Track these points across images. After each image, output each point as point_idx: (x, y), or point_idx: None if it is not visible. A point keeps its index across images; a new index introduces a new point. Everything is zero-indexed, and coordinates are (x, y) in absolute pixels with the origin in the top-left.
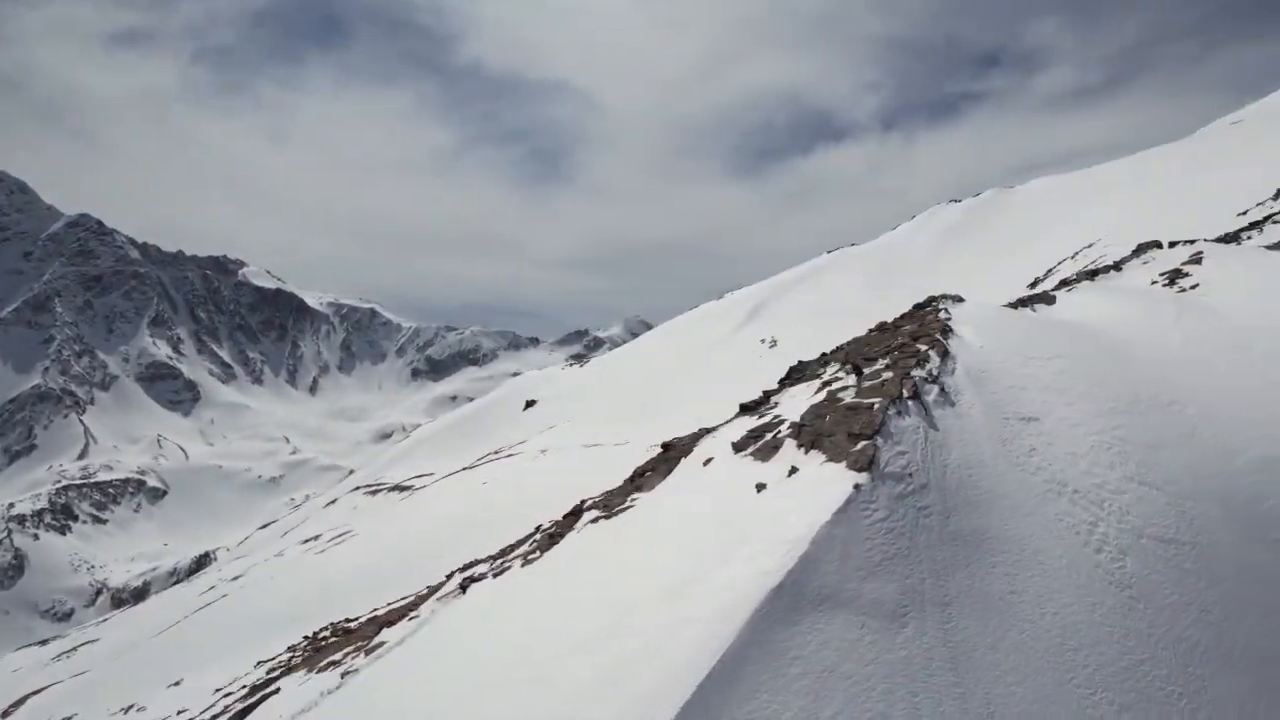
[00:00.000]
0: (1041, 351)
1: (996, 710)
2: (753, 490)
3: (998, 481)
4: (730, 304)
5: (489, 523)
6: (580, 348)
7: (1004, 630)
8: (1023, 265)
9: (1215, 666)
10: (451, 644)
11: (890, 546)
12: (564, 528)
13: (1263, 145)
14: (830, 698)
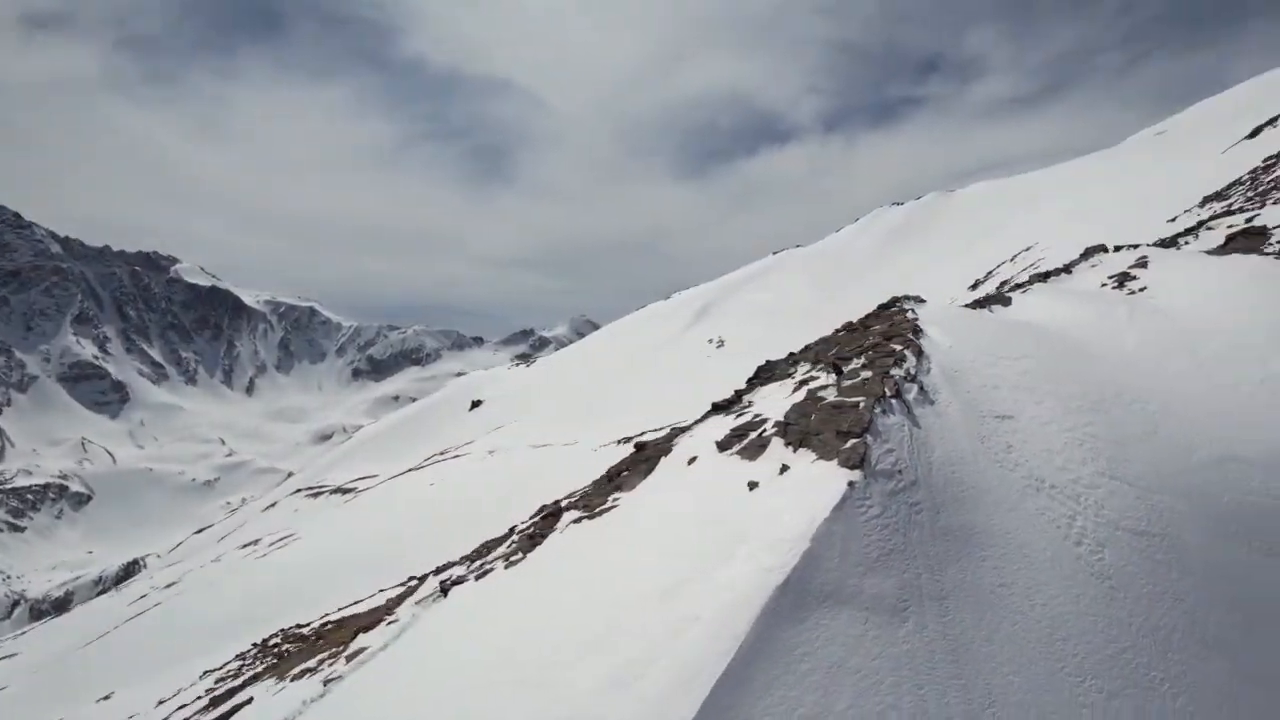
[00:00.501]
0: (1009, 351)
1: (996, 700)
2: (744, 488)
3: (980, 478)
4: (678, 304)
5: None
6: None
7: (997, 622)
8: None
9: (1191, 653)
10: (440, 649)
11: (886, 543)
12: (544, 528)
13: (1186, 155)
14: (840, 692)
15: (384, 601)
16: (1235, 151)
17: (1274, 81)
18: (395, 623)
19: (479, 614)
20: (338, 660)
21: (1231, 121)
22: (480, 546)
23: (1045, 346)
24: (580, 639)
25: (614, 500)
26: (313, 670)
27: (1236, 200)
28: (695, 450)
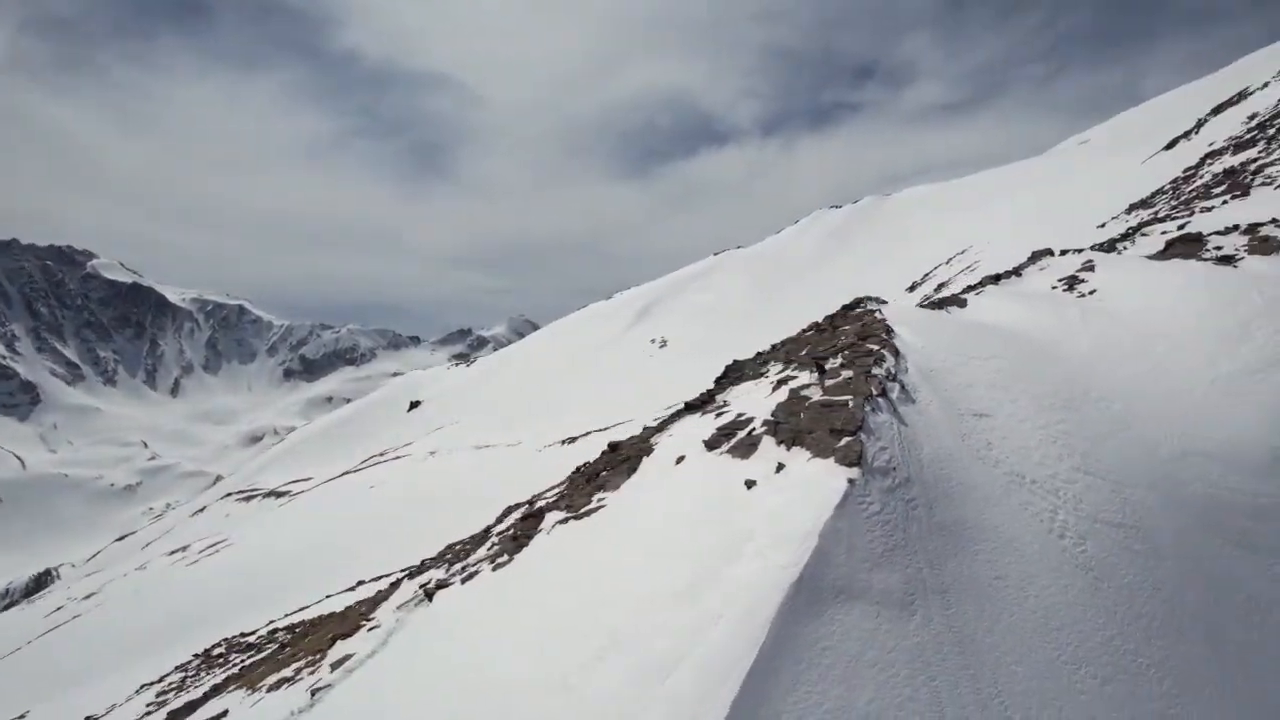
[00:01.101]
0: (979, 351)
1: (1003, 689)
2: (741, 487)
3: (965, 474)
4: (619, 304)
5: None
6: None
7: (997, 614)
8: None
9: (1171, 639)
10: (436, 654)
11: (888, 539)
12: (527, 530)
13: (1109, 162)
14: (862, 685)
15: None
16: (1154, 162)
17: (1183, 97)
18: (377, 628)
19: (474, 618)
20: (318, 668)
21: (1148, 133)
22: (446, 550)
23: (1010, 347)
24: (597, 640)
25: (599, 501)
26: (291, 680)
27: (1161, 208)
28: (681, 449)
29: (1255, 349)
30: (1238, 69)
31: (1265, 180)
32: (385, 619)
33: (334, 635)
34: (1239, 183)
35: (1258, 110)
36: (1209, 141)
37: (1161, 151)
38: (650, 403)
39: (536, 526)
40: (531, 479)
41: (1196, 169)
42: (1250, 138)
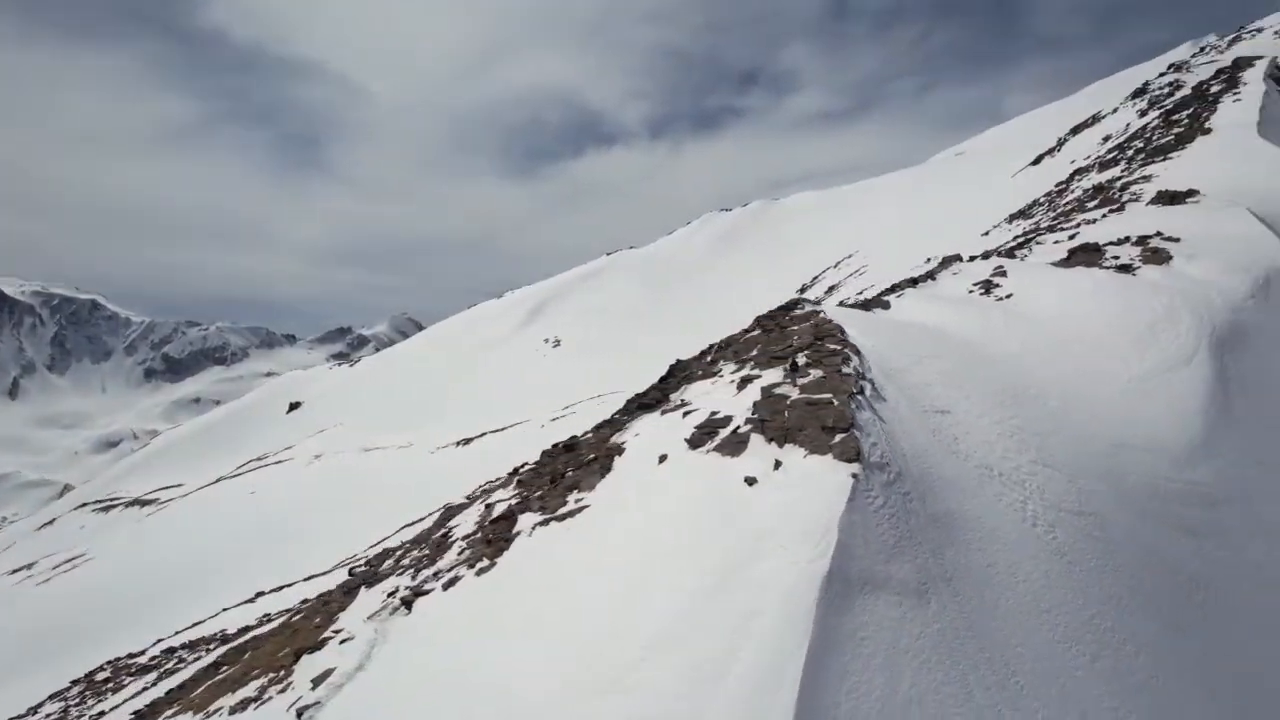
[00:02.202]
0: (924, 351)
1: (1015, 670)
2: (741, 484)
3: (942, 468)
4: (510, 303)
5: (278, 535)
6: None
7: (995, 600)
8: (790, 270)
9: (1138, 617)
10: (440, 666)
11: (895, 531)
12: (500, 533)
13: (982, 174)
14: (902, 671)
15: (263, 619)
16: (1023, 175)
17: (1045, 117)
18: (350, 640)
19: (475, 626)
20: (289, 686)
21: (1016, 149)
22: (384, 555)
23: (948, 347)
24: (636, 641)
25: (577, 502)
26: (257, 700)
27: (1041, 219)
28: (661, 448)
29: (1160, 351)
30: (1089, 94)
31: (1132, 196)
32: (359, 630)
33: (295, 650)
34: (1109, 198)
35: (1110, 132)
36: (1070, 159)
37: (1029, 166)
38: (546, 403)
39: (510, 529)
40: (433, 481)
41: (1067, 184)
42: (1112, 158)
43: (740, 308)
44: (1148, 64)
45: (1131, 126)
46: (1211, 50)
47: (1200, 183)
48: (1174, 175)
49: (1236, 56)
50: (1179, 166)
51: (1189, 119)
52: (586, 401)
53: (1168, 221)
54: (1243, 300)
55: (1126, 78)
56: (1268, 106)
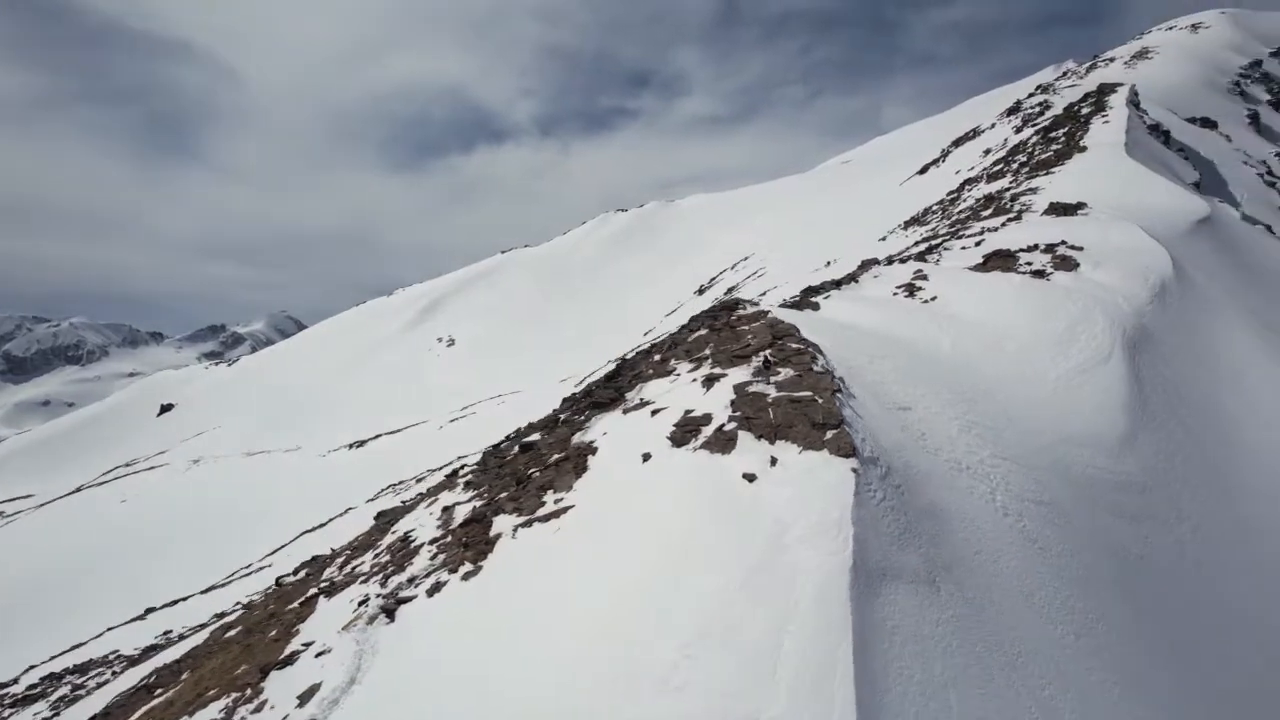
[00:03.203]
0: (873, 350)
1: (1018, 650)
2: (739, 481)
3: (919, 462)
4: (401, 301)
5: (155, 547)
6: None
7: (989, 585)
8: (688, 272)
9: (1103, 597)
10: (454, 675)
11: (896, 523)
12: (474, 536)
13: (871, 182)
14: (933, 658)
15: (158, 637)
16: (910, 184)
17: (925, 128)
18: (327, 653)
19: (477, 630)
20: (263, 706)
21: (900, 158)
22: (326, 560)
23: (892, 347)
24: (675, 638)
25: (557, 502)
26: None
27: (938, 226)
28: (641, 446)
29: (1080, 351)
30: (969, 107)
31: (1023, 207)
32: (336, 642)
33: (258, 666)
34: (1002, 208)
35: (990, 146)
36: (955, 169)
37: (916, 175)
38: (442, 403)
39: (486, 532)
40: (328, 485)
41: (959, 193)
42: (999, 170)
43: (643, 308)
44: (1017, 84)
45: (1010, 141)
46: (1072, 75)
47: (1083, 196)
48: (1059, 188)
49: (1101, 83)
50: (1061, 181)
51: (1065, 137)
52: (486, 402)
53: (1067, 231)
54: (1145, 305)
55: (998, 95)
56: (1132, 129)
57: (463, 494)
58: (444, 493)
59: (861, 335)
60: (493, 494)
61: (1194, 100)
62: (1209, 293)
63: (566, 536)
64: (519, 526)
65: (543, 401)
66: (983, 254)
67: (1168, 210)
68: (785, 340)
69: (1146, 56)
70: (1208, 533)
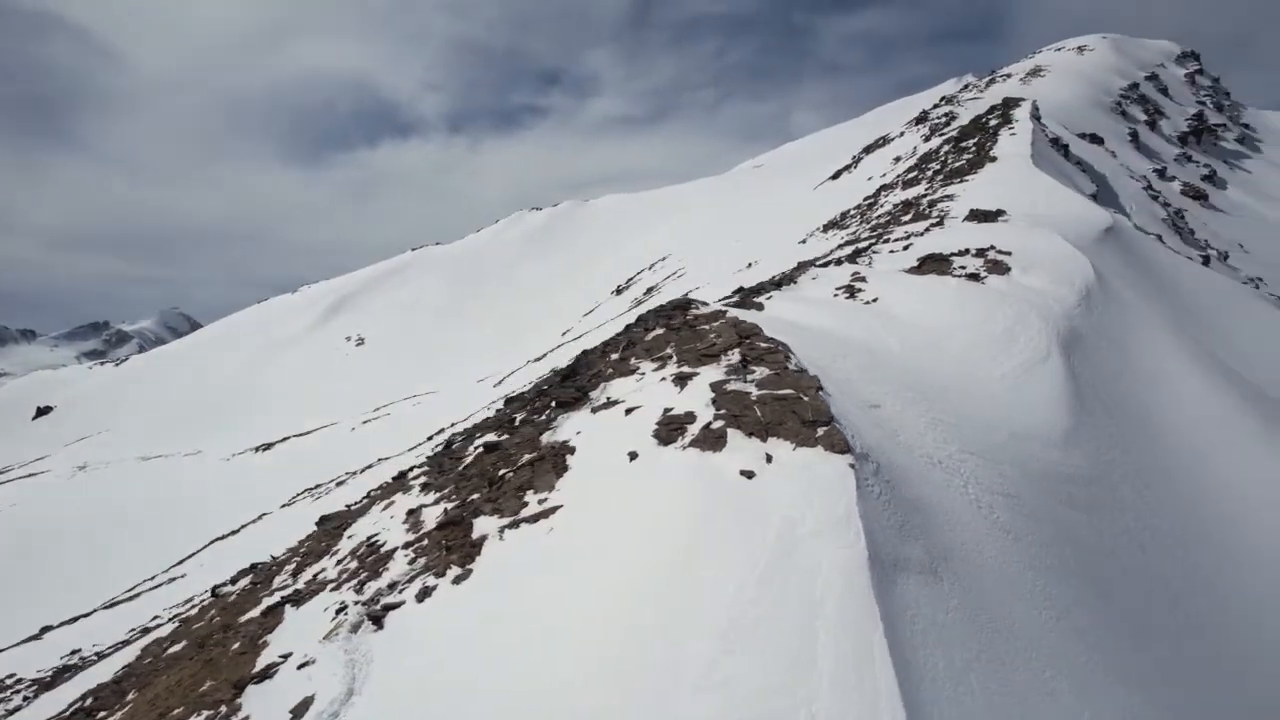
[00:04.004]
0: (834, 349)
1: (1016, 635)
2: (737, 478)
3: (897, 458)
4: (308, 299)
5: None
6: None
7: (979, 574)
8: (605, 271)
9: (1072, 583)
10: (466, 679)
11: (894, 516)
12: (454, 539)
13: (785, 186)
14: (951, 644)
15: (67, 656)
16: (824, 189)
17: (835, 135)
18: (311, 664)
19: (484, 634)
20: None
21: (812, 163)
22: (265, 569)
23: (848, 346)
24: (706, 635)
25: (541, 503)
26: None
27: (860, 231)
28: (624, 445)
29: (1021, 351)
30: (876, 115)
31: (941, 214)
32: (320, 652)
33: (231, 681)
34: (921, 213)
35: (900, 153)
36: (867, 176)
37: (829, 180)
38: (353, 404)
39: (468, 535)
40: (236, 490)
41: (875, 198)
42: (913, 177)
43: (560, 307)
44: (921, 94)
45: (919, 150)
46: (973, 88)
47: (1000, 204)
48: (974, 196)
49: (1006, 97)
50: (975, 189)
51: (976, 147)
52: (400, 402)
53: (993, 237)
54: (1073, 309)
55: (903, 105)
56: (1036, 142)
57: (424, 496)
58: (398, 495)
59: (816, 335)
60: (463, 496)
61: (1083, 117)
62: (1125, 297)
63: (562, 537)
64: (505, 528)
65: (463, 402)
66: (916, 258)
67: (1077, 219)
68: (753, 339)
69: (1040, 74)
70: (1147, 522)
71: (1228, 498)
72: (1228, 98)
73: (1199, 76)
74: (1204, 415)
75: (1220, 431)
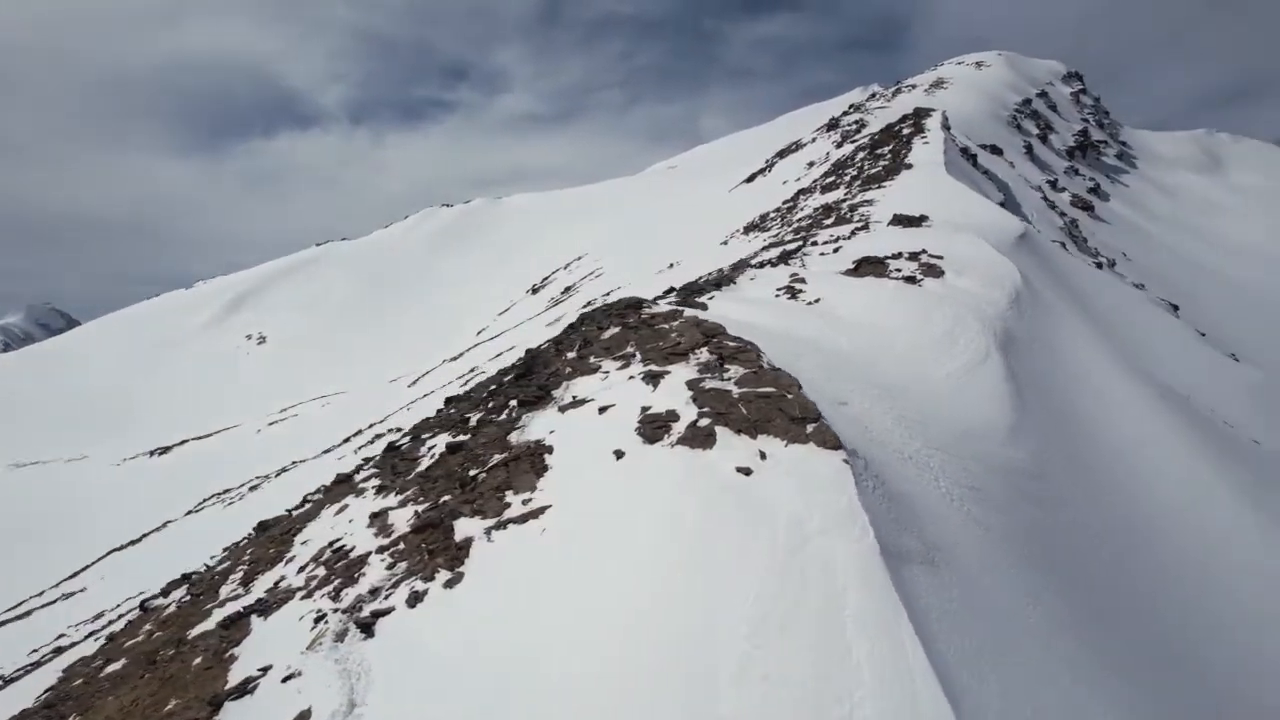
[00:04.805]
0: (794, 349)
1: (1004, 621)
2: (733, 475)
3: (874, 453)
4: (204, 295)
5: None
6: None
7: (965, 563)
8: (520, 270)
9: (1039, 571)
10: (491, 685)
11: (890, 510)
12: (438, 542)
13: (698, 187)
14: (960, 630)
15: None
16: (739, 190)
17: (746, 139)
18: (297, 676)
19: (497, 636)
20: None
21: (724, 166)
22: (206, 579)
23: (804, 345)
24: (736, 631)
25: (526, 503)
26: None
27: (783, 234)
28: (608, 444)
29: (963, 351)
30: (786, 120)
31: (862, 219)
32: (305, 664)
33: (205, 699)
34: (842, 217)
35: (813, 159)
36: (782, 179)
37: (744, 183)
38: (257, 404)
39: (450, 538)
40: (130, 497)
41: (795, 202)
42: (831, 182)
43: (474, 307)
44: (829, 102)
45: (832, 155)
46: (880, 97)
47: (920, 210)
48: (892, 202)
49: (916, 106)
50: (893, 195)
51: (891, 155)
52: (308, 403)
53: (920, 241)
54: (1006, 311)
55: (813, 111)
56: (948, 150)
57: (384, 499)
58: (350, 498)
59: (770, 335)
60: (433, 498)
61: (983, 129)
62: (1046, 300)
63: (558, 537)
64: (491, 530)
65: (378, 403)
66: (852, 260)
67: (993, 226)
68: (719, 339)
69: (943, 86)
70: (1089, 514)
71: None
72: (1107, 116)
73: (1083, 96)
74: (1127, 414)
75: (1141, 428)
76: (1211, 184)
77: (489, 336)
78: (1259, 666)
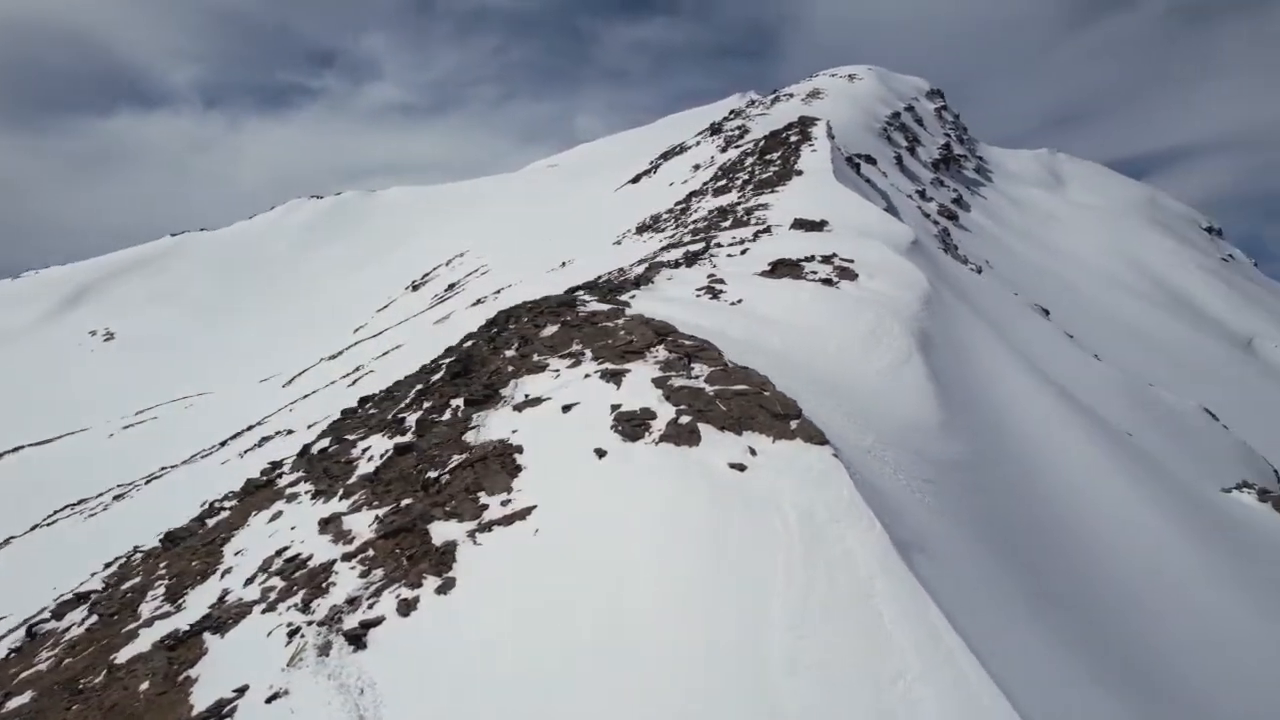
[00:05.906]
0: (736, 349)
1: (993, 603)
2: (725, 471)
3: (844, 449)
4: (36, 286)
5: None
6: None
7: (947, 552)
8: (397, 266)
9: (1001, 556)
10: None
11: (882, 503)
12: (416, 547)
13: (582, 186)
14: (975, 611)
15: None
16: (625, 191)
17: (627, 140)
18: (282, 696)
19: (514, 644)
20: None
21: (609, 165)
22: (111, 598)
23: (741, 346)
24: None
25: (505, 504)
26: None
27: (679, 235)
28: (586, 443)
29: (887, 351)
30: (667, 123)
31: (759, 221)
32: (288, 681)
33: (188, 715)
34: (740, 220)
35: (699, 161)
36: (669, 181)
37: (629, 184)
38: (105, 408)
39: (427, 542)
40: None
41: (688, 203)
42: (723, 185)
43: (349, 303)
44: (709, 106)
45: (717, 160)
46: (759, 104)
47: (812, 215)
48: (787, 206)
49: (801, 115)
50: (787, 200)
51: (781, 161)
52: (167, 405)
53: (826, 245)
54: (920, 312)
55: (694, 115)
56: (835, 158)
57: (325, 504)
58: (280, 504)
59: (708, 334)
60: (390, 501)
61: (857, 139)
62: (949, 302)
63: (555, 538)
64: (475, 532)
65: (253, 404)
66: (767, 262)
67: (886, 232)
68: (674, 337)
69: (819, 96)
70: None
71: (1065, 478)
72: (966, 132)
73: (944, 111)
74: (1034, 409)
75: (1049, 422)
76: (1052, 199)
77: (370, 334)
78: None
